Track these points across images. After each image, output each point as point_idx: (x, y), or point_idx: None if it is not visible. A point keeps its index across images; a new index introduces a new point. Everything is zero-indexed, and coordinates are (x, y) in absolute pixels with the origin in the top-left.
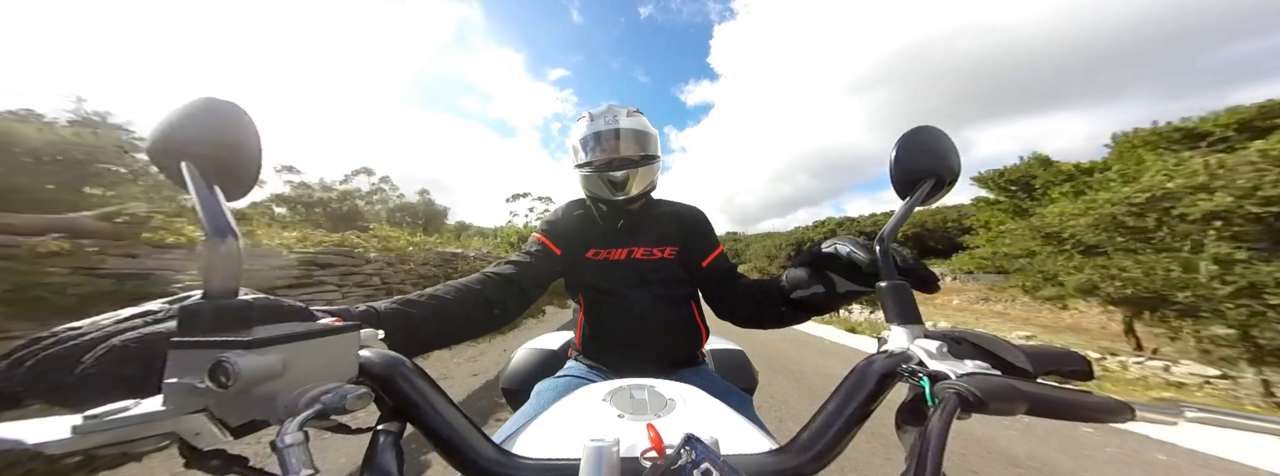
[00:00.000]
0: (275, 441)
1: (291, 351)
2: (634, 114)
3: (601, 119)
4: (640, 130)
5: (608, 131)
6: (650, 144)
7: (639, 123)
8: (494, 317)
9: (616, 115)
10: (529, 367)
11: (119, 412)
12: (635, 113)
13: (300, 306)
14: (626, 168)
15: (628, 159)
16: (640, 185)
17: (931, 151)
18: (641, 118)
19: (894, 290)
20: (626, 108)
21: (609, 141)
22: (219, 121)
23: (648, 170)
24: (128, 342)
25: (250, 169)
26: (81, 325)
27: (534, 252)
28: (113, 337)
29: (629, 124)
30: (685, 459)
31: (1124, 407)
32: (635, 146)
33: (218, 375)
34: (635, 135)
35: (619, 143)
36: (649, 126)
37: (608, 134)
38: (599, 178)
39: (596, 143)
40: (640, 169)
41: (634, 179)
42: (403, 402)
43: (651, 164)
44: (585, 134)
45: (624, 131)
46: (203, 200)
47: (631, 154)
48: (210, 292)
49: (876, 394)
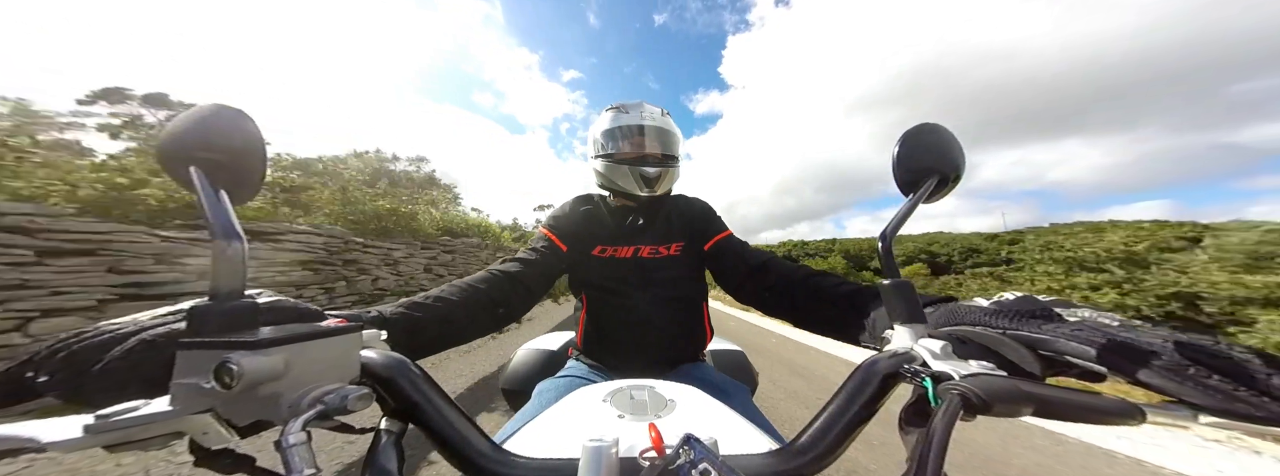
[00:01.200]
0: (279, 441)
1: (295, 352)
2: (665, 114)
3: (635, 112)
4: (670, 131)
5: (641, 126)
6: (675, 146)
7: (668, 123)
8: (498, 317)
9: (651, 112)
10: (529, 368)
11: (128, 412)
12: (666, 114)
13: (308, 307)
14: (658, 165)
15: (654, 156)
16: (666, 185)
17: (935, 148)
18: (670, 119)
19: (897, 289)
20: (658, 107)
21: (640, 136)
22: (226, 127)
23: (673, 172)
24: (154, 338)
25: (255, 173)
26: (121, 322)
27: (540, 249)
28: (140, 333)
29: (661, 123)
30: (684, 458)
31: (1134, 410)
32: (661, 146)
33: (222, 375)
34: (663, 134)
35: (648, 139)
36: (676, 128)
37: (641, 129)
38: (630, 171)
39: (626, 136)
40: (669, 170)
41: (664, 178)
42: (404, 402)
43: (676, 165)
44: (614, 126)
45: (658, 129)
46: (210, 204)
47: (658, 152)
48: (217, 294)
49: (879, 394)
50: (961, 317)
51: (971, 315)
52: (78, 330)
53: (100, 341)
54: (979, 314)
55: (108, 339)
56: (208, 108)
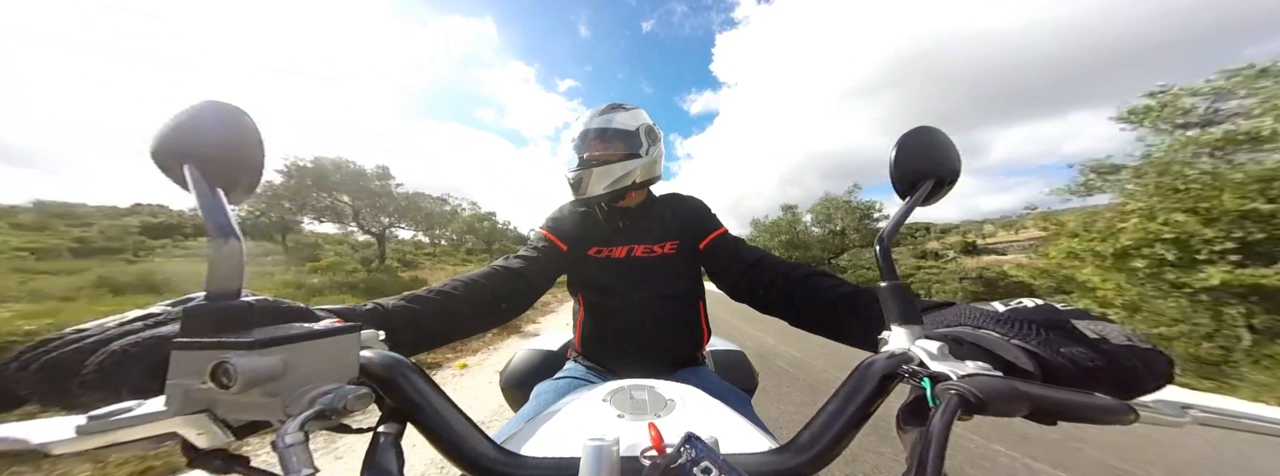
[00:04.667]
0: (276, 441)
1: (292, 352)
2: (618, 109)
3: (576, 125)
4: (608, 128)
5: (579, 135)
6: (629, 141)
7: (609, 120)
8: (501, 312)
9: (590, 118)
10: (529, 368)
11: (122, 413)
12: (620, 108)
13: (301, 307)
14: (585, 168)
15: (594, 159)
16: (600, 184)
17: (931, 152)
18: (617, 114)
19: (893, 290)
20: (613, 104)
21: (583, 143)
22: (222, 124)
23: (611, 169)
24: (128, 347)
25: (253, 171)
26: (88, 327)
27: (540, 248)
28: (114, 342)
29: (597, 123)
30: (685, 457)
31: (1128, 409)
32: (601, 146)
33: (219, 376)
34: (601, 133)
35: (591, 143)
36: (624, 123)
37: (580, 135)
38: (571, 178)
39: (573, 150)
40: (598, 169)
41: (589, 180)
42: (403, 403)
43: (628, 161)
44: (569, 139)
45: (593, 131)
46: (205, 202)
47: (610, 154)
48: (213, 294)
49: (877, 395)
50: (964, 320)
51: (974, 318)
52: (42, 338)
53: (71, 352)
54: (983, 318)
55: (80, 348)
56: (203, 104)
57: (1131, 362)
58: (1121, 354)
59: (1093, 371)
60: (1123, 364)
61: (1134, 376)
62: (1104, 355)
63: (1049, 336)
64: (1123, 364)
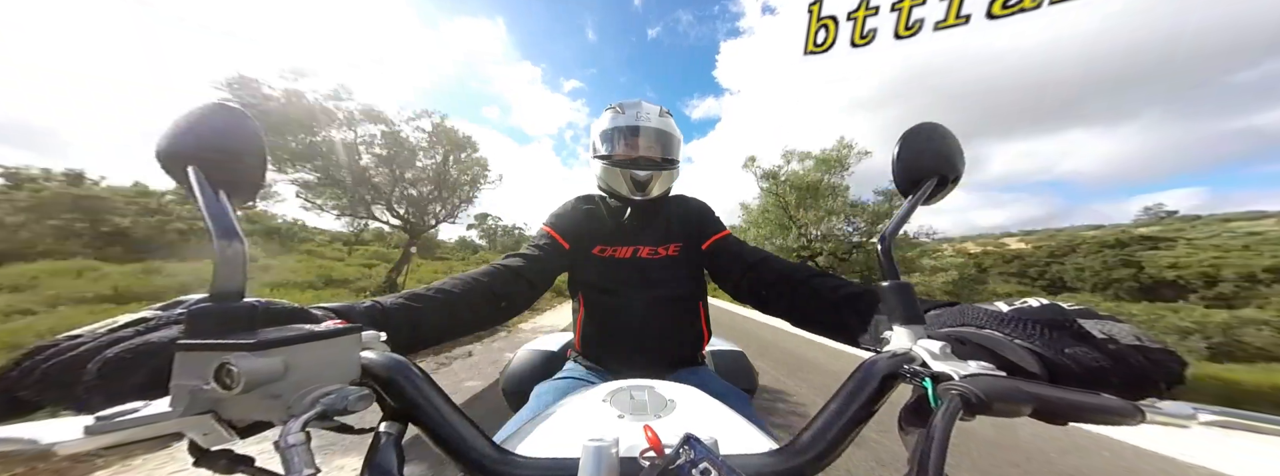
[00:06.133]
0: (278, 441)
1: (294, 353)
2: (665, 115)
3: (632, 113)
4: (667, 132)
5: (636, 128)
6: (674, 148)
7: (667, 124)
8: (501, 311)
9: (648, 113)
10: (529, 369)
11: (129, 414)
12: (666, 114)
13: (301, 308)
14: (651, 168)
15: (650, 159)
16: (660, 188)
17: (935, 149)
18: (670, 120)
19: (896, 290)
20: (658, 106)
21: (635, 138)
22: (225, 126)
23: (669, 175)
24: (123, 354)
25: (255, 173)
26: (81, 333)
27: (542, 246)
28: (107, 349)
29: (658, 124)
30: (684, 458)
31: (1134, 410)
32: (659, 148)
33: (222, 377)
34: (661, 136)
35: (644, 141)
36: (676, 130)
37: (635, 131)
38: (621, 173)
39: (621, 137)
40: (663, 173)
41: (656, 181)
42: (404, 403)
43: (673, 168)
44: (610, 127)
45: (653, 130)
46: (209, 204)
47: (655, 155)
48: (216, 295)
49: (879, 395)
50: (967, 320)
51: (978, 318)
52: (38, 345)
53: (70, 358)
54: (987, 318)
55: (78, 355)
56: (207, 106)
57: (1140, 363)
58: (1130, 354)
59: (1100, 372)
60: (1131, 364)
61: (1143, 377)
62: (1111, 355)
63: (1054, 336)
64: (1131, 364)
